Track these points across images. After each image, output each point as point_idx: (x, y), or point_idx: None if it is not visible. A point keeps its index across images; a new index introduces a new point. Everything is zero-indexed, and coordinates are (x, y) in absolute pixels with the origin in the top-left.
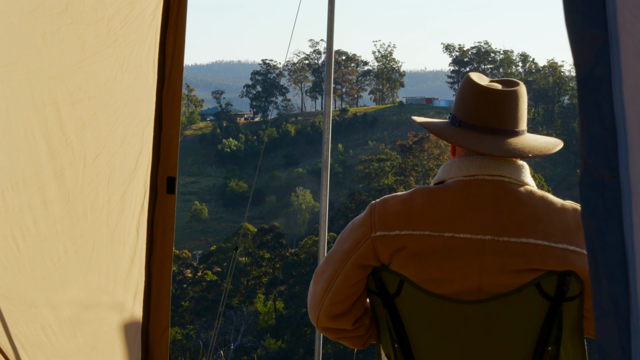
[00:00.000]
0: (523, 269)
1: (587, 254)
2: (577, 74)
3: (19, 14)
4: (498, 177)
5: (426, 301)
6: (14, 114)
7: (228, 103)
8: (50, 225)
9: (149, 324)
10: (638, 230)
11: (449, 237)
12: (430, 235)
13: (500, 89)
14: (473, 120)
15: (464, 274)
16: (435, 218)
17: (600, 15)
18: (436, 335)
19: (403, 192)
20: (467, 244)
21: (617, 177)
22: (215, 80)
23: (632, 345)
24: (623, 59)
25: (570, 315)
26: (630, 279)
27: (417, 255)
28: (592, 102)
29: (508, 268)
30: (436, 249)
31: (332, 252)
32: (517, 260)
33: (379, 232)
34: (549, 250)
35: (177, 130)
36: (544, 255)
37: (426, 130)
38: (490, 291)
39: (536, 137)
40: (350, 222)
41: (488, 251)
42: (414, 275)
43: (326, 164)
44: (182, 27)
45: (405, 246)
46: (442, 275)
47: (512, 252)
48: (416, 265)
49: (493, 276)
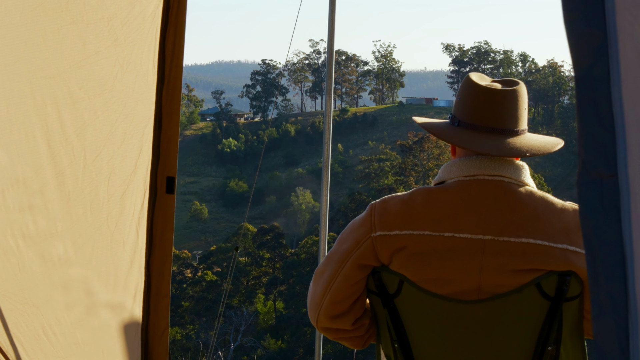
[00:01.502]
0: (523, 269)
1: (585, 253)
2: (575, 73)
3: (20, 14)
4: (498, 177)
5: (426, 301)
6: (15, 113)
7: (228, 103)
8: (50, 224)
9: (148, 323)
10: (636, 229)
11: (449, 237)
12: (430, 235)
13: (499, 89)
14: (472, 120)
15: (464, 274)
16: (436, 218)
17: (599, 14)
18: (436, 335)
19: (403, 192)
20: (467, 244)
21: (616, 176)
22: (215, 80)
23: (630, 344)
24: (622, 58)
25: (570, 315)
26: (628, 278)
27: (417, 255)
28: (590, 101)
29: (508, 268)
30: (436, 249)
31: (331, 252)
32: (517, 261)
33: (379, 232)
34: (549, 251)
35: (176, 130)
36: (544, 255)
37: (426, 130)
38: (490, 291)
39: (537, 136)
40: (350, 222)
41: (488, 251)
42: (413, 275)
43: (327, 164)
44: (182, 26)
45: (405, 246)
46: (442, 275)
47: (512, 252)
48: (416, 265)
49: (493, 276)
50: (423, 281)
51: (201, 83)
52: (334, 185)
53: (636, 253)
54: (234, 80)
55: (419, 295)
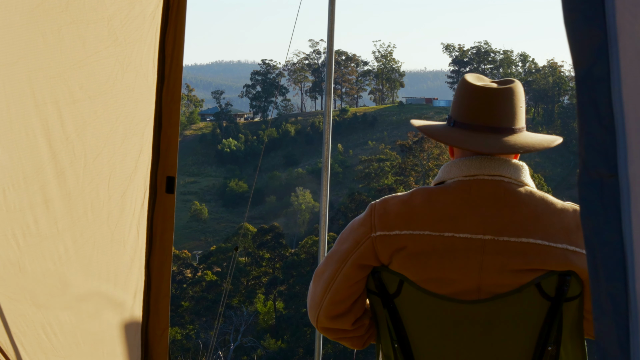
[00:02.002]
0: (523, 269)
1: (586, 253)
2: (575, 73)
3: (20, 14)
4: (498, 177)
5: (426, 301)
6: (15, 113)
7: (228, 103)
8: (50, 224)
9: (148, 323)
10: (637, 229)
11: (449, 237)
12: (430, 235)
13: (494, 87)
14: (467, 120)
15: (464, 274)
16: (436, 218)
17: (599, 14)
18: (436, 335)
19: (403, 192)
20: (467, 243)
21: (616, 176)
22: (215, 80)
23: (630, 344)
24: (622, 58)
25: (570, 315)
26: (629, 278)
27: (417, 255)
28: (590, 101)
29: (508, 268)
30: (436, 249)
31: (331, 252)
32: (517, 260)
33: (379, 232)
34: (549, 250)
35: (176, 130)
36: (544, 255)
37: (423, 134)
38: (490, 291)
39: (534, 135)
40: (350, 222)
41: (488, 251)
42: (413, 275)
43: (326, 164)
44: (182, 26)
45: (405, 246)
46: (442, 275)
47: (512, 252)
48: (416, 265)
49: (493, 276)
50: (423, 281)
51: (201, 83)
52: (334, 185)
53: (636, 253)
54: (234, 80)
55: (419, 296)
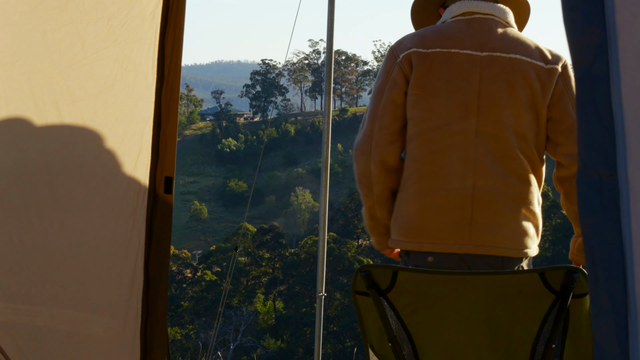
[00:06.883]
0: (512, 79)
1: (585, 252)
2: (575, 72)
3: (19, 13)
4: (490, 15)
5: (422, 280)
6: (15, 112)
7: (228, 103)
8: (50, 223)
9: (147, 323)
10: (636, 228)
11: (455, 52)
12: (441, 51)
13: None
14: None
15: (468, 82)
16: (443, 39)
17: (598, 13)
18: (436, 318)
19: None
20: (469, 58)
21: (615, 175)
22: (215, 80)
23: (629, 343)
24: (621, 57)
25: (577, 312)
26: (628, 276)
27: (431, 66)
28: (590, 100)
29: (501, 77)
30: (445, 61)
31: (372, 94)
32: (507, 70)
33: (401, 55)
34: (530, 65)
35: (174, 130)
36: (525, 66)
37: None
38: (490, 95)
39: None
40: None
41: (485, 65)
42: (423, 87)
43: (326, 164)
44: (181, 26)
45: (420, 59)
46: (449, 86)
47: (504, 63)
48: (429, 77)
49: (490, 84)
50: (431, 84)
51: (201, 83)
52: (334, 185)
53: (636, 252)
54: (234, 80)
55: (415, 277)
